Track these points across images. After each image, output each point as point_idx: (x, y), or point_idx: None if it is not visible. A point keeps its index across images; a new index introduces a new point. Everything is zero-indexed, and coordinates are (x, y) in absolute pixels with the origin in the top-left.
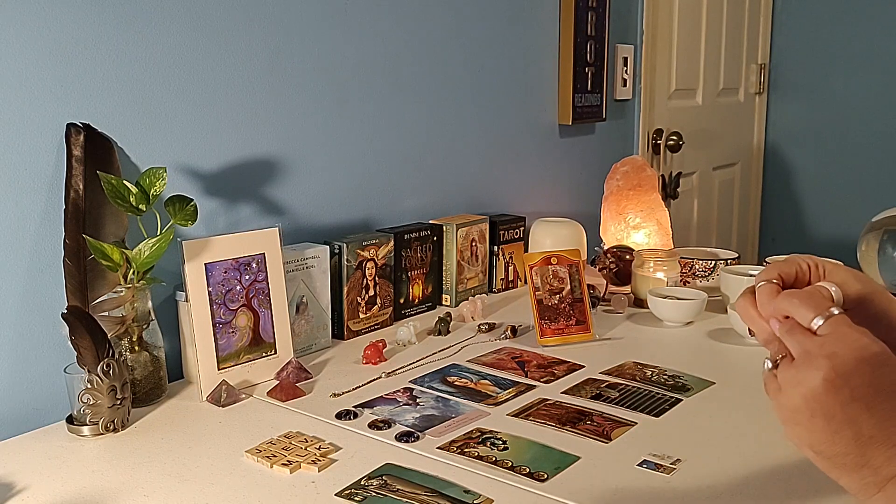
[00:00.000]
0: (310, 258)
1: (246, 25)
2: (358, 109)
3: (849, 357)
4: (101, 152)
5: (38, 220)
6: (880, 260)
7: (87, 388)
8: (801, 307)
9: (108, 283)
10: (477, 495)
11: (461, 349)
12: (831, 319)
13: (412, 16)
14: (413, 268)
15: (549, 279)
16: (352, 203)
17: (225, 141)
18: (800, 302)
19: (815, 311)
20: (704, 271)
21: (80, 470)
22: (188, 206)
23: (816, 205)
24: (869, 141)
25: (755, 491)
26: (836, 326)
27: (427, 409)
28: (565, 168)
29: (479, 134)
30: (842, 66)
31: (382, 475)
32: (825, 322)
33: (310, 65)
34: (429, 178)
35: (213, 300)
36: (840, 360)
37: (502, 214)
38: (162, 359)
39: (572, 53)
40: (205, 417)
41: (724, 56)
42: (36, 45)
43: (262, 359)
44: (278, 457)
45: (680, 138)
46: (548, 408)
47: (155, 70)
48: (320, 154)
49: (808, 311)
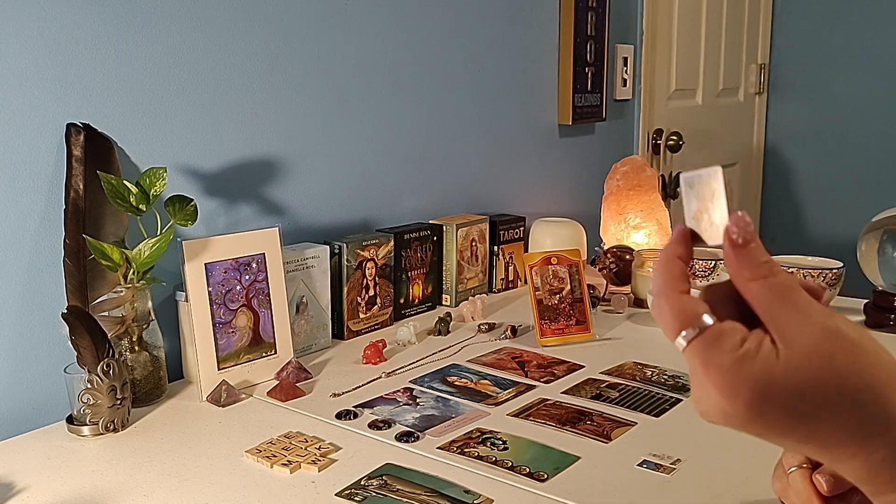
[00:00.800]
0: (310, 258)
1: (246, 25)
2: (358, 109)
3: (711, 402)
4: (101, 152)
5: (38, 220)
6: (880, 260)
7: (87, 388)
8: (664, 322)
9: (108, 283)
10: (477, 495)
11: (461, 349)
12: (692, 344)
13: (412, 16)
14: (413, 268)
15: (549, 279)
16: (352, 203)
17: (225, 141)
18: (662, 315)
19: (675, 329)
20: (704, 271)
21: (80, 470)
22: (188, 206)
23: (816, 205)
24: (869, 141)
25: (755, 491)
26: (692, 356)
27: (427, 409)
28: (565, 168)
29: (479, 134)
30: (842, 66)
31: (382, 475)
32: (687, 346)
33: (310, 65)
34: (429, 178)
35: (213, 300)
36: (701, 405)
37: (502, 214)
38: (162, 359)
39: (572, 53)
40: (205, 417)
41: (724, 56)
42: (36, 45)
43: (262, 359)
44: (278, 457)
45: (680, 138)
46: (548, 408)
47: (155, 70)
48: (320, 154)
49: (670, 328)
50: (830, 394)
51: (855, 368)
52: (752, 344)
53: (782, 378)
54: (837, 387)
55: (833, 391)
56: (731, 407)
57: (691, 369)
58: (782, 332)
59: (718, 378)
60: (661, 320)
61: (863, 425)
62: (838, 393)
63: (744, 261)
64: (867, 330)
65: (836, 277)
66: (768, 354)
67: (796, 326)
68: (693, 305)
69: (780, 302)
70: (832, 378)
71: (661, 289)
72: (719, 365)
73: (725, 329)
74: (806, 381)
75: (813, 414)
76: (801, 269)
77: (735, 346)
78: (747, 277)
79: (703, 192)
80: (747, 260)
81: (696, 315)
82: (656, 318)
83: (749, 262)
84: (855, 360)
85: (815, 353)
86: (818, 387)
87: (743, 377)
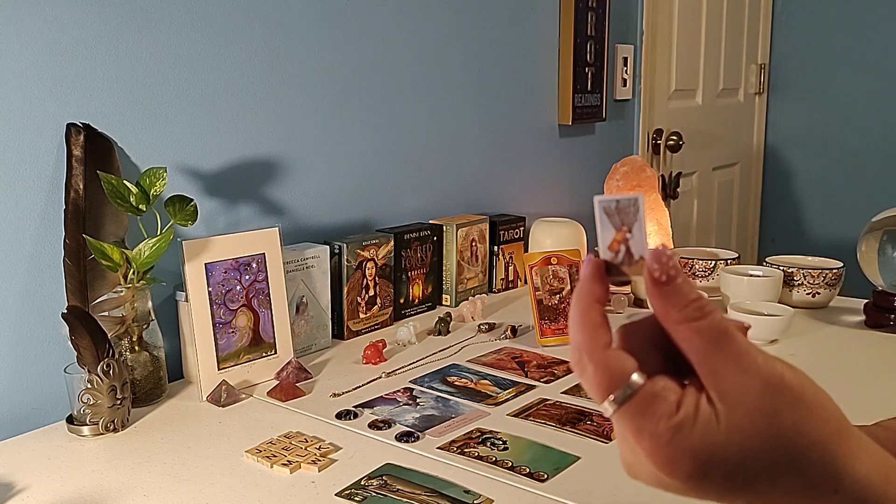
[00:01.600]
0: (310, 258)
1: (246, 25)
2: (358, 109)
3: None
4: (101, 152)
5: (38, 220)
6: (880, 260)
7: (87, 388)
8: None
9: (108, 283)
10: (477, 495)
11: (461, 349)
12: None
13: (412, 16)
14: (413, 268)
15: (549, 279)
16: (352, 203)
17: (225, 141)
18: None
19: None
20: (704, 271)
21: (80, 470)
22: (188, 206)
23: (816, 205)
24: (869, 141)
25: None
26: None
27: (427, 409)
28: (565, 168)
29: (479, 134)
30: (842, 67)
31: (382, 475)
32: (615, 411)
33: (310, 65)
34: (429, 178)
35: (213, 300)
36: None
37: (502, 214)
38: (162, 359)
39: (572, 53)
40: (205, 417)
41: (724, 56)
42: (36, 45)
43: (262, 359)
44: (278, 457)
45: (680, 138)
46: (548, 408)
47: (155, 70)
48: (320, 154)
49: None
50: (776, 457)
51: (800, 427)
52: (689, 408)
53: (724, 445)
54: (782, 449)
55: (779, 454)
56: (669, 479)
57: (620, 434)
58: (720, 388)
59: (654, 449)
60: (585, 380)
61: (810, 487)
62: (783, 456)
63: (670, 300)
64: (804, 373)
65: (836, 277)
66: (707, 421)
67: (735, 381)
68: (620, 363)
69: (715, 350)
70: (776, 440)
71: (580, 344)
72: (654, 435)
73: (658, 391)
74: (749, 445)
75: (757, 479)
76: (800, 269)
77: (671, 411)
78: (675, 320)
79: (623, 220)
80: (673, 299)
81: (624, 374)
82: (579, 376)
83: (676, 302)
84: (799, 416)
85: (757, 413)
86: (762, 450)
87: (682, 449)
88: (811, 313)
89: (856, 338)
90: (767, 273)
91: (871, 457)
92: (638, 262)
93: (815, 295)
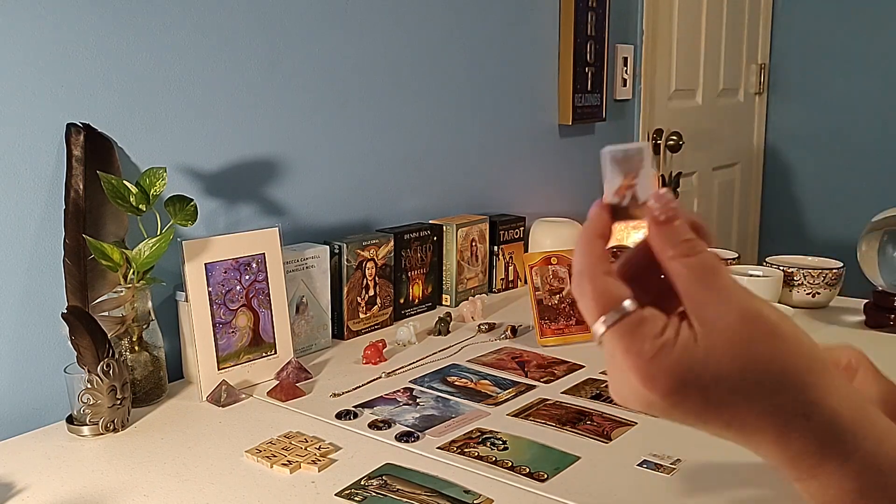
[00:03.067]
0: (310, 258)
1: (246, 25)
2: (358, 109)
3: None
4: (101, 152)
5: (38, 220)
6: (880, 260)
7: (87, 388)
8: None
9: (108, 283)
10: (477, 495)
11: (461, 349)
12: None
13: (412, 16)
14: (413, 268)
15: (549, 279)
16: (352, 203)
17: (225, 141)
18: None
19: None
20: None
21: (80, 470)
22: (188, 206)
23: (816, 205)
24: (869, 141)
25: (755, 491)
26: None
27: (427, 409)
28: (565, 168)
29: (479, 134)
30: (842, 67)
31: (382, 475)
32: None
33: (310, 65)
34: (429, 178)
35: (213, 300)
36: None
37: (502, 214)
38: (162, 359)
39: (572, 53)
40: (205, 417)
41: (724, 56)
42: (36, 45)
43: (262, 359)
44: (278, 457)
45: (680, 138)
46: (548, 408)
47: (155, 70)
48: (320, 154)
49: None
50: (748, 380)
51: (773, 355)
52: (671, 332)
53: (701, 365)
54: (755, 373)
55: (750, 377)
56: (651, 395)
57: (609, 354)
58: (701, 315)
59: (638, 365)
60: (582, 301)
61: (781, 413)
62: (756, 380)
63: (666, 238)
64: (787, 314)
65: (836, 277)
66: (687, 341)
67: (715, 309)
68: (615, 289)
69: (700, 282)
70: (750, 364)
71: (582, 269)
72: (639, 353)
73: (646, 316)
74: (723, 367)
75: (730, 401)
76: (800, 269)
77: (656, 333)
78: (669, 256)
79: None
80: (670, 237)
81: (617, 299)
82: (577, 297)
83: (671, 240)
84: (774, 346)
85: (733, 338)
86: (735, 373)
87: (663, 366)
88: (811, 313)
89: (856, 338)
90: (767, 273)
91: (844, 394)
92: (642, 206)
93: (815, 295)
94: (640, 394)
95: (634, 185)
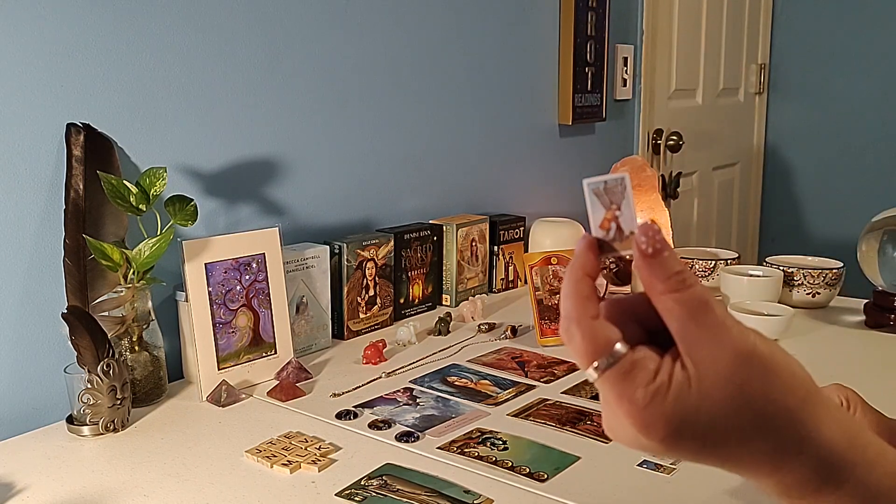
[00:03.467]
0: (310, 258)
1: (246, 25)
2: (358, 109)
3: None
4: (101, 152)
5: (38, 220)
6: (880, 261)
7: (87, 388)
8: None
9: (108, 283)
10: (477, 495)
11: (461, 349)
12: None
13: (412, 16)
14: (413, 268)
15: (549, 279)
16: (352, 203)
17: (225, 141)
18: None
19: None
20: (704, 271)
21: (80, 470)
22: (188, 206)
23: (816, 205)
24: (869, 141)
25: (755, 491)
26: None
27: (427, 409)
28: (565, 168)
29: (479, 134)
30: (842, 66)
31: (382, 475)
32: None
33: (310, 65)
34: (429, 178)
35: (213, 300)
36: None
37: (502, 214)
38: (162, 359)
39: (572, 53)
40: (205, 417)
41: (724, 56)
42: (35, 45)
43: (262, 359)
44: (278, 457)
45: (680, 138)
46: (548, 408)
47: (155, 70)
48: (320, 154)
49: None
50: (743, 422)
51: (768, 395)
52: (664, 376)
53: (695, 410)
54: (750, 415)
55: (746, 420)
56: (646, 440)
57: (603, 398)
58: (695, 356)
59: (633, 413)
60: (573, 347)
61: (777, 450)
62: (751, 421)
63: (655, 272)
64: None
65: (836, 277)
66: (681, 386)
67: (709, 350)
68: (606, 333)
69: (693, 320)
70: (745, 406)
71: (570, 313)
72: (633, 400)
73: (638, 360)
74: (718, 411)
75: (726, 441)
76: (800, 269)
77: (649, 378)
78: (659, 291)
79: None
80: (659, 271)
81: (608, 343)
82: (566, 344)
83: (660, 274)
84: (768, 385)
85: (727, 381)
86: (730, 416)
87: (657, 413)
88: (811, 313)
89: (856, 338)
90: (767, 273)
91: (837, 423)
92: (628, 238)
93: (815, 295)
94: (635, 439)
95: (618, 217)
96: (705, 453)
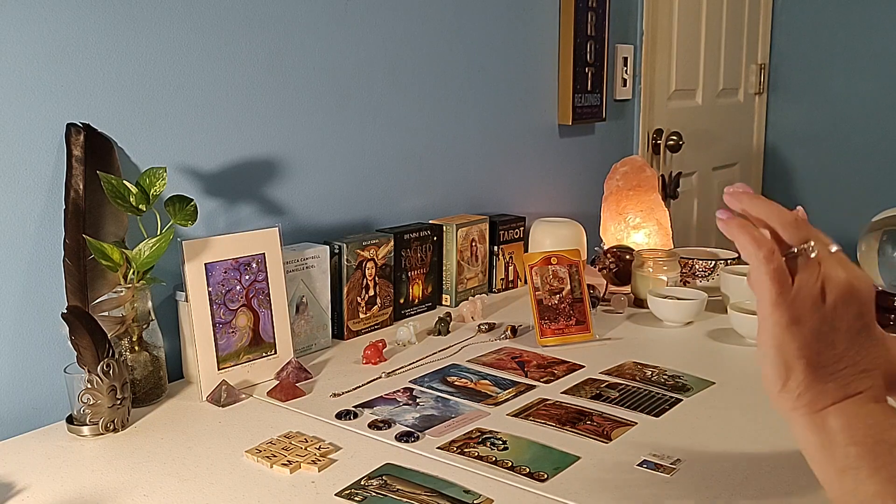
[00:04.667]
0: (310, 258)
1: (246, 25)
2: (358, 109)
3: (863, 284)
4: (101, 152)
5: (38, 220)
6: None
7: (87, 388)
8: (820, 235)
9: (108, 283)
10: (477, 495)
11: (461, 349)
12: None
13: (412, 16)
14: (413, 268)
15: (549, 279)
16: (352, 203)
17: (225, 141)
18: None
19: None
20: (704, 271)
21: (80, 470)
22: (188, 206)
23: (816, 205)
24: (869, 141)
25: (755, 491)
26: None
27: (427, 409)
28: (565, 168)
29: (479, 134)
30: (842, 67)
31: (382, 475)
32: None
33: (310, 65)
34: (429, 178)
35: (213, 300)
36: (858, 277)
37: (502, 214)
38: (162, 359)
39: (572, 53)
40: (205, 417)
41: (723, 56)
42: (35, 45)
43: (262, 359)
44: (278, 457)
45: (680, 138)
46: (548, 408)
47: (155, 70)
48: (320, 154)
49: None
50: (852, 325)
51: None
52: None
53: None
54: (858, 321)
55: (855, 324)
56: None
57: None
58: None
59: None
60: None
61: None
62: (857, 328)
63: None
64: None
65: None
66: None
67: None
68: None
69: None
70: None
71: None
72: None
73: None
74: (836, 318)
75: (836, 334)
76: None
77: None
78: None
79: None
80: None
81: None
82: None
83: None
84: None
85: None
86: (844, 318)
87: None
88: None
89: None
90: None
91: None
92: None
93: None
94: (772, 322)
95: None
96: (851, 334)
